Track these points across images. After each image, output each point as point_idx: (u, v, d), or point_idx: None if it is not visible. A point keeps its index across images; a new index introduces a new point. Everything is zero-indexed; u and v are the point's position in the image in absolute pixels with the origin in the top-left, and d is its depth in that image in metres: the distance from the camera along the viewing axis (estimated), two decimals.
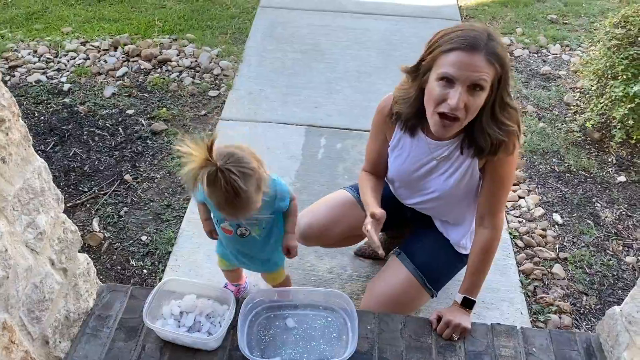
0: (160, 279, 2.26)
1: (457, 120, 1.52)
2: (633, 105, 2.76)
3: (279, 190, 1.64)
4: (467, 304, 1.78)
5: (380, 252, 1.64)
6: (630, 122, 2.87)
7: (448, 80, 1.48)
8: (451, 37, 1.48)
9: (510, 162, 1.67)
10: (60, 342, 1.62)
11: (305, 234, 2.02)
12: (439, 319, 1.76)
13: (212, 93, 3.43)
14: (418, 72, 1.58)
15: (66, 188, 2.73)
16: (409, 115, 1.68)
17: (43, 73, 3.54)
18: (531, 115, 3.32)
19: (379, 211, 1.67)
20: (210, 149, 1.38)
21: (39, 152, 2.90)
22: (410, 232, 2.15)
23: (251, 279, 2.21)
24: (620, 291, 2.32)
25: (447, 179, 1.75)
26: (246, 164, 1.43)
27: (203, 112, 3.27)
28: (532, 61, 3.88)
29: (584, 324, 2.21)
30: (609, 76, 2.99)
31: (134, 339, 1.71)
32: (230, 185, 1.38)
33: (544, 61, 3.89)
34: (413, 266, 1.90)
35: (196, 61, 3.70)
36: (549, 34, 4.18)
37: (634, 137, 2.91)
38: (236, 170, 1.39)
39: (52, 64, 3.63)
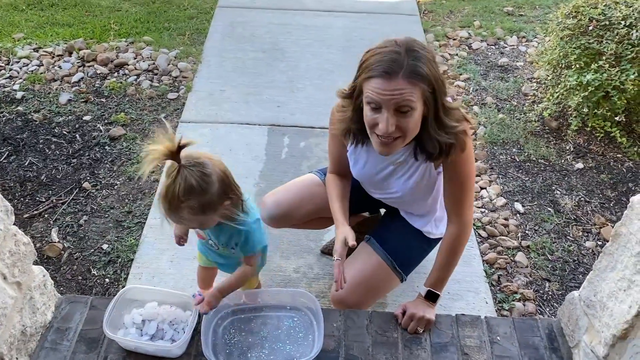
0: (123, 288, 2.21)
1: (398, 139, 1.53)
2: (587, 93, 2.83)
3: (249, 239, 1.59)
4: (432, 297, 1.80)
5: (336, 288, 1.69)
6: (585, 109, 2.94)
7: (375, 105, 1.48)
8: (371, 63, 1.46)
9: (465, 162, 1.67)
10: (17, 358, 1.57)
11: (273, 212, 2.00)
12: (404, 312, 1.77)
13: (171, 95, 3.38)
14: (353, 94, 1.58)
15: (22, 199, 2.65)
16: (355, 132, 1.68)
17: None
18: (490, 107, 3.36)
19: (352, 243, 1.68)
20: (181, 147, 1.36)
21: None
22: (379, 220, 2.16)
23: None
24: (581, 276, 2.37)
25: (407, 181, 1.76)
26: (204, 182, 1.39)
27: (162, 115, 3.21)
28: (490, 53, 3.94)
29: (547, 309, 2.25)
30: (563, 66, 3.06)
31: (95, 350, 1.67)
32: (173, 188, 1.36)
33: (502, 53, 3.95)
34: (383, 250, 1.91)
35: (154, 64, 3.63)
36: (506, 26, 4.25)
37: (590, 125, 2.98)
38: (188, 180, 1.36)
39: (3, 71, 3.52)
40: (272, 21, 4.28)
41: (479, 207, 2.70)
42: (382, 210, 2.26)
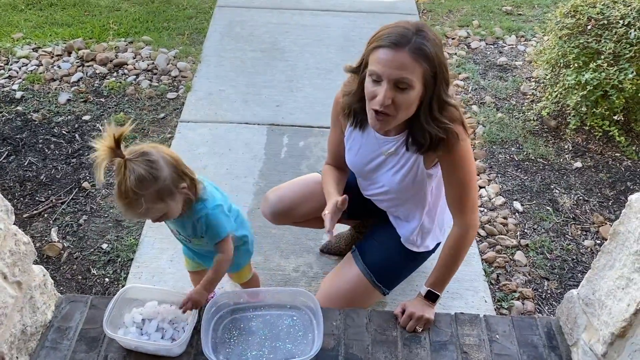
0: (122, 287, 2.22)
1: (390, 116, 1.53)
2: (585, 92, 2.83)
3: (211, 225, 1.58)
4: (431, 297, 1.80)
5: (331, 238, 1.69)
6: (584, 109, 2.95)
7: (376, 77, 1.50)
8: (381, 34, 1.49)
9: (462, 164, 1.66)
10: (17, 357, 1.57)
11: (276, 208, 2.01)
12: (404, 311, 1.78)
13: (171, 95, 3.38)
14: (360, 68, 1.59)
15: (22, 199, 2.65)
16: (357, 110, 1.69)
17: None
18: (489, 106, 3.37)
19: (341, 197, 1.69)
20: (118, 140, 1.35)
21: None
22: (369, 229, 2.16)
23: None
24: (579, 274, 2.38)
25: (394, 175, 1.76)
26: (153, 169, 1.39)
27: (162, 115, 3.21)
28: (488, 52, 3.95)
29: (546, 308, 2.25)
30: (562, 65, 3.06)
31: (95, 349, 1.67)
32: (124, 183, 1.36)
33: (501, 52, 3.96)
34: (363, 265, 1.92)
35: (153, 63, 3.64)
36: (505, 26, 4.25)
37: (588, 124, 2.99)
38: (136, 171, 1.37)
39: (2, 71, 3.52)
40: (270, 21, 4.28)
41: (478, 206, 2.70)
42: None
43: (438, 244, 2.01)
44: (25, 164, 2.84)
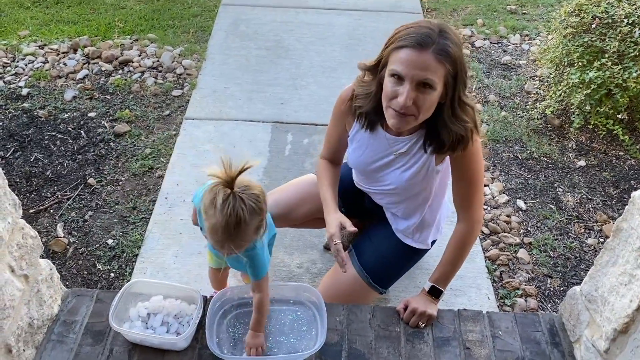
0: (127, 282, 2.23)
1: (411, 116, 1.52)
2: (589, 91, 2.84)
3: (255, 264, 1.59)
4: (435, 293, 1.80)
5: (343, 270, 1.71)
6: (588, 107, 2.95)
7: (398, 77, 1.48)
8: (404, 34, 1.47)
9: (473, 160, 1.67)
10: (24, 350, 1.59)
11: (272, 212, 2.00)
12: (407, 307, 1.79)
13: (176, 92, 3.39)
14: (377, 68, 1.58)
15: (28, 194, 2.67)
16: (369, 111, 1.67)
17: (0, 78, 3.45)
18: (493, 105, 3.37)
19: (353, 229, 1.70)
20: (239, 173, 1.37)
21: None
22: (365, 227, 2.16)
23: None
24: (582, 272, 2.38)
25: (403, 173, 1.75)
26: (259, 202, 1.41)
27: (167, 112, 3.23)
28: (493, 51, 3.95)
29: (549, 305, 2.26)
30: (566, 64, 3.07)
31: (101, 343, 1.69)
32: (235, 214, 1.36)
33: (505, 51, 3.96)
34: (359, 265, 1.92)
35: (158, 61, 3.66)
36: (509, 24, 4.25)
37: (592, 122, 2.99)
38: (248, 202, 1.38)
39: (9, 68, 3.54)
40: (275, 19, 4.30)
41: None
42: None
43: (434, 242, 2.02)
44: (32, 160, 2.87)
